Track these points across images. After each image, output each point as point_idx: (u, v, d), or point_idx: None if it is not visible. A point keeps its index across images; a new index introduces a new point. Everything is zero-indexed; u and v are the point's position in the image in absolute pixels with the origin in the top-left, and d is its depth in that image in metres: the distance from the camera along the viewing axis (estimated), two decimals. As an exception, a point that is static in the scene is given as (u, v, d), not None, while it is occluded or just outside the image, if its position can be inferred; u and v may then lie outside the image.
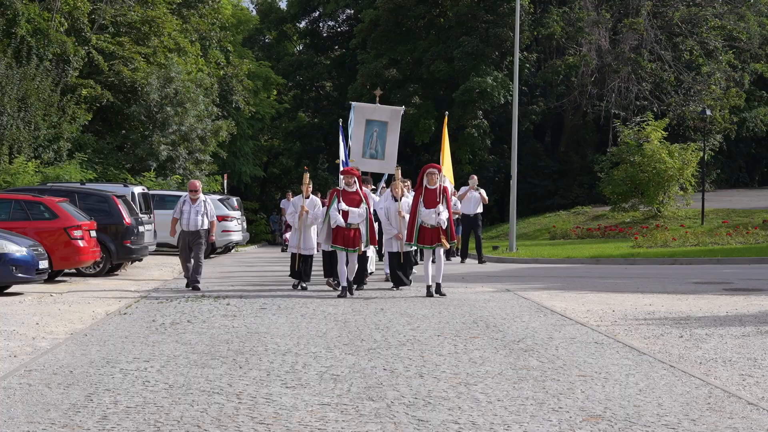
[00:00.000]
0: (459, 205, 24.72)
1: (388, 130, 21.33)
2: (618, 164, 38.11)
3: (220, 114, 46.54)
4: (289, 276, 18.25)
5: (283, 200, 38.84)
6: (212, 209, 18.24)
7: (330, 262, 17.34)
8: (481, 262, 25.22)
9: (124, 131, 40.20)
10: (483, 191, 25.63)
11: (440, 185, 16.34)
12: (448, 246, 16.32)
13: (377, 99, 22.59)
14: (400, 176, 18.05)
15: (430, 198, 16.14)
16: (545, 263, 25.84)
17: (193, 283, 17.68)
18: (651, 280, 19.10)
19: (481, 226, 26.05)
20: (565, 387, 8.30)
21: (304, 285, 17.78)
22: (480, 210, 25.47)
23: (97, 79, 37.48)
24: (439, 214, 16.00)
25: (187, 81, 40.11)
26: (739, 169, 53.76)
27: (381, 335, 11.43)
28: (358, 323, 12.56)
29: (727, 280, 18.65)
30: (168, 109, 38.97)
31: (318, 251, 17.90)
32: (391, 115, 21.68)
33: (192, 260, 17.96)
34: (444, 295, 15.84)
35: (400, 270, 17.31)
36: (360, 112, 21.66)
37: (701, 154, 37.44)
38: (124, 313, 13.88)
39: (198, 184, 18.47)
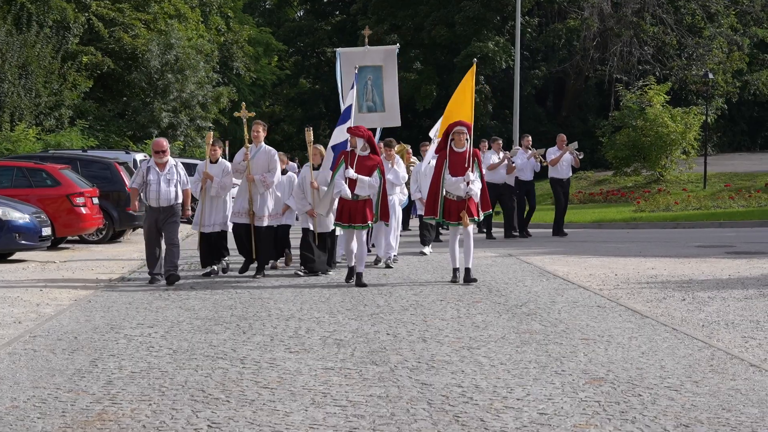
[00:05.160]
0: (536, 168, 21.56)
1: (384, 75, 17.74)
2: (620, 128, 38.00)
3: (220, 80, 46.44)
4: (200, 265, 14.62)
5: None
6: (185, 175, 13.81)
7: (295, 243, 14.84)
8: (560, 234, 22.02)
9: (125, 98, 40.18)
10: (576, 153, 21.47)
11: (470, 148, 13.21)
12: (468, 223, 13.06)
13: (366, 39, 18.54)
14: (311, 138, 14.94)
15: (458, 163, 13.11)
16: (547, 228, 25.80)
17: (169, 272, 13.30)
18: (653, 244, 19.10)
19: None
20: (568, 350, 8.33)
21: (224, 266, 14.44)
22: (570, 174, 21.97)
23: (97, 46, 37.44)
24: (469, 183, 13.01)
25: (187, 47, 40.03)
26: (742, 133, 53.55)
27: (384, 300, 11.46)
28: (360, 288, 12.57)
29: (730, 244, 18.65)
30: (169, 75, 38.92)
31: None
32: (385, 56, 17.97)
33: (164, 245, 13.68)
34: (475, 280, 13.03)
35: (308, 251, 14.12)
36: (348, 60, 17.47)
37: (703, 118, 37.29)
38: (128, 280, 13.92)
39: (165, 143, 13.79)
